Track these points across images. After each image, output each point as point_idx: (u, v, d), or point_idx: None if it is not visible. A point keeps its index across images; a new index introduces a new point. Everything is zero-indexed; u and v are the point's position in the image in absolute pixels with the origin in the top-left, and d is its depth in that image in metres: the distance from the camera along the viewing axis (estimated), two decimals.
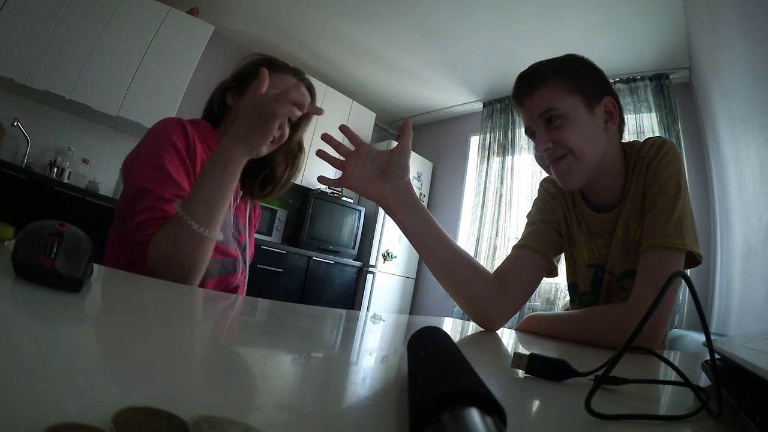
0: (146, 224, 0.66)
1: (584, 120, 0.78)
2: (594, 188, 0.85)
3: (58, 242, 0.35)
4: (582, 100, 0.78)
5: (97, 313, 0.34)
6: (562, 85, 0.77)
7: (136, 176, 0.72)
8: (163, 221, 0.65)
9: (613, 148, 0.81)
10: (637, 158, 0.81)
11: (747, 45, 1.49)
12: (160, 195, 0.69)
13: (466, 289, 0.77)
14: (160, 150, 0.75)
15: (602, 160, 0.80)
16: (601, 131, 0.79)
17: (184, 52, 3.11)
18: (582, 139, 0.77)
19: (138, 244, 0.65)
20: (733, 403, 0.28)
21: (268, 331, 0.42)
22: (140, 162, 0.75)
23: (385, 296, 4.05)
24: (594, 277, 0.88)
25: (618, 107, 0.81)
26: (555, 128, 0.78)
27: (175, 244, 0.63)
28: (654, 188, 0.75)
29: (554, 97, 0.77)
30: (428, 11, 2.92)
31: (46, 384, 0.16)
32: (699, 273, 2.50)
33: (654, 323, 0.65)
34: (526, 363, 0.36)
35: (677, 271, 0.29)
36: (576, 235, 0.89)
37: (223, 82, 0.92)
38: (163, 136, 0.77)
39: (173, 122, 0.81)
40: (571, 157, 0.78)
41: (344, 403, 0.24)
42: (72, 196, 2.63)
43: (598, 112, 0.79)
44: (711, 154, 2.54)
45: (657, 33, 2.67)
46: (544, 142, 0.79)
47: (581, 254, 0.89)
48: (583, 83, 0.78)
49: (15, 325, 0.24)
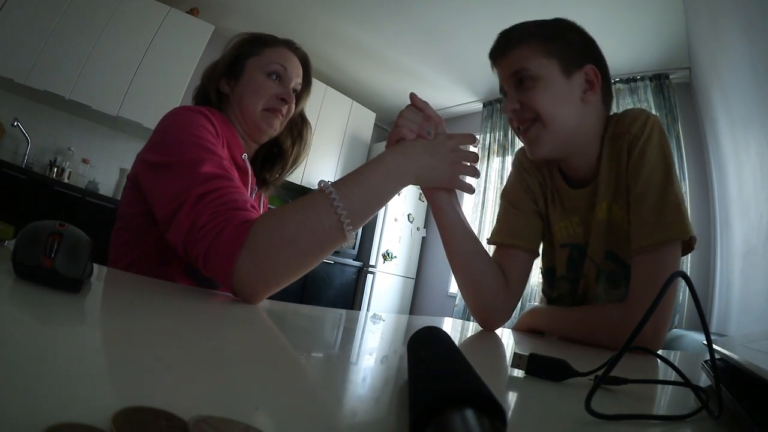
0: (224, 213, 0.52)
1: (558, 85, 0.73)
2: (570, 161, 0.80)
3: (58, 242, 0.35)
4: (559, 64, 0.73)
5: (96, 313, 0.34)
6: (538, 46, 0.73)
7: (180, 164, 0.60)
8: (238, 212, 0.53)
9: (592, 119, 0.76)
10: (615, 130, 0.76)
11: (747, 45, 1.49)
12: (230, 177, 0.58)
13: (479, 285, 0.76)
14: (197, 131, 0.65)
15: (576, 130, 0.75)
16: (577, 100, 0.74)
17: (184, 52, 3.11)
18: (552, 104, 0.72)
19: (212, 236, 0.51)
20: (733, 403, 0.28)
21: (268, 331, 0.42)
22: (179, 148, 0.62)
23: (385, 296, 4.05)
24: (569, 258, 0.84)
25: (602, 77, 0.75)
26: (525, 89, 0.73)
27: (303, 225, 0.51)
28: (640, 177, 0.70)
29: (528, 57, 0.73)
30: (428, 11, 2.92)
31: (46, 384, 0.16)
32: (699, 273, 2.50)
33: (655, 325, 0.64)
34: (526, 363, 0.36)
35: (677, 272, 0.29)
36: (551, 213, 0.85)
37: (213, 70, 0.85)
38: (191, 120, 0.68)
39: (190, 109, 0.72)
40: (539, 124, 0.74)
41: (344, 403, 0.24)
42: (72, 196, 2.63)
43: (576, 79, 0.74)
44: (711, 154, 2.54)
45: (657, 33, 2.67)
46: (512, 102, 0.75)
47: (556, 234, 0.85)
48: (563, 47, 0.74)
49: (15, 325, 0.24)
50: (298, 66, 0.87)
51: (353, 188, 0.55)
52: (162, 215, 0.57)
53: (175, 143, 0.63)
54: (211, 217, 0.52)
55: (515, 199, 0.86)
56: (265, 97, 0.81)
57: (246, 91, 0.81)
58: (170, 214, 0.55)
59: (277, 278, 0.51)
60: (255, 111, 0.81)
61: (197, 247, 0.51)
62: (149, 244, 0.69)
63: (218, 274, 0.50)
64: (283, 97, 0.82)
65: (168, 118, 0.70)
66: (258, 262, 0.49)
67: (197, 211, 0.53)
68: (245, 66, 0.83)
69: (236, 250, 0.49)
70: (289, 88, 0.85)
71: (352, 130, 4.34)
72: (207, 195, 0.54)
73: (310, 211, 0.52)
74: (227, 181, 0.57)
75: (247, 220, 0.51)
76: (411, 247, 4.27)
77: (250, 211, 0.54)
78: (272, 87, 0.82)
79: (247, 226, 0.50)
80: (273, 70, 0.82)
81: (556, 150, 0.76)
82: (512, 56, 0.75)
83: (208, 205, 0.53)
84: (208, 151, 0.62)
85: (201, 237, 0.51)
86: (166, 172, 0.60)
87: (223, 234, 0.50)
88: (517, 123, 0.77)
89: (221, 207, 0.53)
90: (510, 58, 0.75)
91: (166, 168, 0.61)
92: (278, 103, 0.82)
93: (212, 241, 0.50)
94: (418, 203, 4.30)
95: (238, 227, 0.50)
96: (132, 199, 0.72)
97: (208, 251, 0.50)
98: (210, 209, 0.53)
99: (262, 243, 0.49)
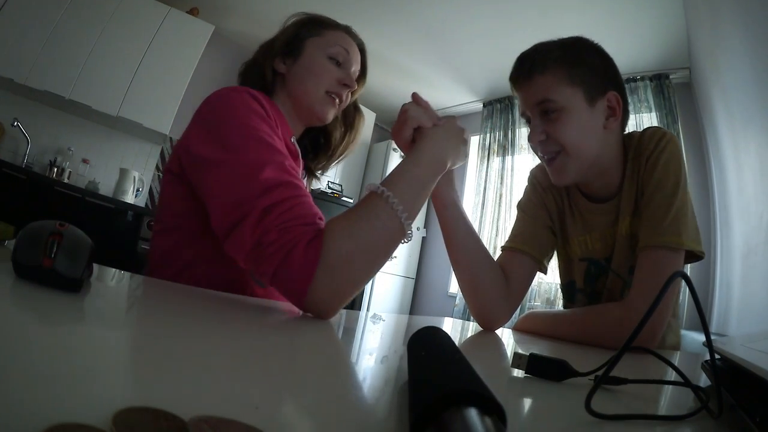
0: (292, 230, 0.50)
1: (583, 115, 0.73)
2: (591, 184, 0.82)
3: (58, 242, 0.35)
4: (583, 92, 0.72)
5: (96, 313, 0.34)
6: (562, 73, 0.72)
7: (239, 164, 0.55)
8: (307, 227, 0.51)
9: (612, 144, 0.77)
10: (636, 150, 0.77)
11: (747, 45, 1.49)
12: (294, 184, 0.55)
13: (480, 284, 0.76)
14: (253, 121, 0.60)
15: (599, 157, 0.76)
16: (600, 128, 0.74)
17: (184, 52, 3.11)
18: (577, 136, 0.73)
19: (281, 255, 0.48)
20: (733, 403, 0.28)
21: (268, 331, 0.42)
22: (236, 143, 0.57)
23: (385, 296, 4.05)
24: (587, 271, 0.85)
25: (622, 102, 0.76)
26: (550, 121, 0.73)
27: (372, 233, 0.51)
28: (651, 184, 0.72)
29: (553, 86, 0.72)
30: (428, 11, 2.92)
31: (46, 384, 0.16)
32: (699, 273, 2.50)
33: (652, 324, 0.65)
34: (526, 363, 0.36)
35: (677, 271, 0.29)
36: (569, 228, 0.86)
37: (271, 46, 0.79)
38: (244, 105, 0.62)
39: (239, 90, 0.66)
40: (564, 155, 0.74)
41: (344, 403, 0.24)
42: (72, 196, 2.62)
43: (599, 107, 0.74)
44: (711, 154, 2.54)
45: (657, 33, 2.67)
46: (538, 134, 0.74)
47: (574, 249, 0.86)
48: (586, 73, 0.73)
49: (15, 325, 0.24)
50: (357, 53, 0.83)
51: (404, 186, 0.55)
52: (220, 224, 0.54)
53: (230, 135, 0.58)
54: (279, 235, 0.49)
55: (530, 211, 0.88)
56: (327, 79, 0.77)
57: (306, 71, 0.76)
58: (230, 225, 0.52)
59: (353, 290, 0.51)
60: (316, 93, 0.76)
61: (264, 265, 0.50)
62: (206, 246, 0.62)
63: (291, 294, 0.49)
64: (345, 82, 0.77)
65: (215, 101, 0.63)
66: (335, 280, 0.48)
67: (263, 227, 0.50)
68: (305, 45, 0.78)
69: (312, 271, 0.47)
70: (350, 73, 0.80)
71: None
72: (273, 208, 0.51)
73: (374, 217, 0.52)
74: (292, 189, 0.54)
75: (316, 237, 0.50)
76: (411, 247, 4.27)
77: (318, 224, 0.52)
78: (334, 70, 0.77)
79: (319, 243, 0.49)
80: (335, 53, 0.78)
81: (579, 177, 0.78)
82: (537, 84, 0.73)
83: (275, 219, 0.50)
84: (269, 148, 0.58)
85: (269, 255, 0.49)
86: (223, 171, 0.55)
87: (293, 253, 0.48)
88: (542, 153, 0.77)
89: (290, 222, 0.50)
90: (535, 86, 0.74)
91: (223, 167, 0.56)
92: (340, 88, 0.78)
93: (282, 261, 0.48)
94: None
95: (309, 245, 0.49)
96: (177, 194, 0.66)
97: (279, 271, 0.49)
98: (277, 225, 0.50)
99: (337, 259, 0.48)
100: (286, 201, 0.52)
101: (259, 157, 0.56)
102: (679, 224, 0.68)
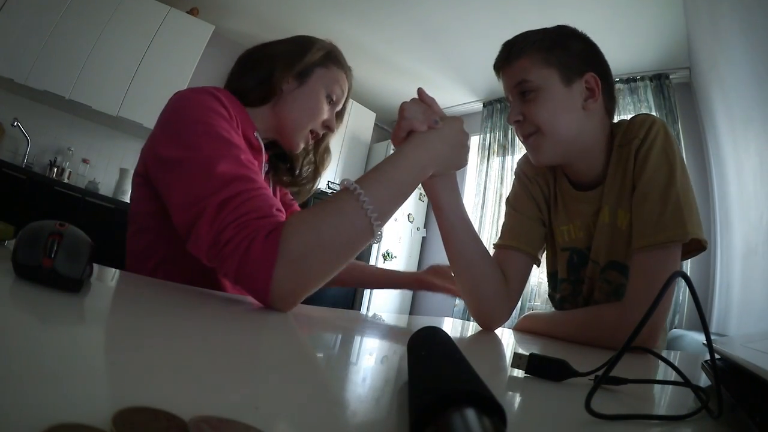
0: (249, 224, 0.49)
1: (558, 95, 0.74)
2: (574, 166, 0.81)
3: (58, 242, 0.35)
4: (559, 73, 0.73)
5: (96, 313, 0.34)
6: (539, 56, 0.74)
7: (195, 161, 0.55)
8: (264, 220, 0.50)
9: (594, 126, 0.77)
10: (624, 137, 0.77)
11: (747, 45, 1.49)
12: (250, 177, 0.54)
13: (480, 285, 0.76)
14: (209, 118, 0.60)
15: (578, 138, 0.76)
16: (578, 109, 0.75)
17: (184, 52, 3.11)
18: (552, 116, 0.74)
19: (241, 251, 0.48)
20: (733, 403, 0.28)
21: (267, 331, 0.42)
22: (191, 140, 0.57)
23: (385, 296, 4.05)
24: (569, 260, 0.85)
25: (602, 84, 0.76)
26: (527, 102, 0.75)
27: (336, 228, 0.49)
28: (643, 178, 0.71)
29: (528, 68, 0.74)
30: (428, 11, 2.92)
31: (46, 384, 0.16)
32: (699, 273, 2.50)
33: (652, 323, 0.64)
34: (526, 363, 0.36)
35: (677, 271, 0.29)
36: (553, 217, 0.86)
37: (291, 61, 0.78)
38: (202, 104, 0.63)
39: (198, 90, 0.66)
40: (540, 134, 0.75)
41: (344, 403, 0.24)
42: (72, 196, 2.62)
43: (576, 87, 0.74)
44: (711, 154, 2.54)
45: (657, 33, 2.67)
46: (515, 114, 0.77)
47: (557, 238, 0.86)
48: (563, 55, 0.74)
49: (15, 325, 0.24)
50: (346, 94, 0.87)
51: (378, 186, 0.53)
52: (179, 222, 0.54)
53: (187, 133, 0.58)
54: (237, 230, 0.48)
55: (519, 205, 0.88)
56: (318, 119, 0.81)
57: (305, 102, 0.79)
58: (188, 223, 0.52)
59: (314, 284, 0.50)
60: (303, 126, 0.80)
61: (225, 263, 0.49)
62: (176, 245, 0.61)
63: (255, 291, 0.48)
64: (327, 125, 0.83)
65: (175, 102, 0.64)
66: (296, 272, 0.47)
67: (219, 222, 0.49)
68: (312, 75, 0.80)
69: (271, 265, 0.46)
70: (334, 114, 0.85)
71: (352, 130, 4.33)
72: (228, 203, 0.50)
73: (341, 213, 0.50)
74: (248, 182, 0.53)
75: (274, 229, 0.48)
76: (411, 247, 4.27)
77: (276, 216, 0.51)
78: (326, 112, 0.81)
79: (277, 236, 0.47)
80: (334, 92, 0.82)
81: (557, 157, 0.78)
82: (514, 67, 0.76)
83: (230, 214, 0.49)
84: (225, 143, 0.58)
85: (228, 253, 0.48)
86: (179, 170, 0.55)
87: (252, 248, 0.47)
88: (521, 134, 0.79)
89: (245, 217, 0.49)
90: (512, 69, 0.77)
91: (179, 165, 0.56)
92: (321, 129, 0.82)
93: (242, 258, 0.47)
94: (418, 203, 4.30)
95: (267, 238, 0.47)
96: (144, 197, 0.67)
97: (240, 269, 0.48)
98: (233, 220, 0.49)
99: (296, 253, 0.47)
100: (241, 194, 0.51)
101: (214, 153, 0.55)
102: (682, 213, 0.66)
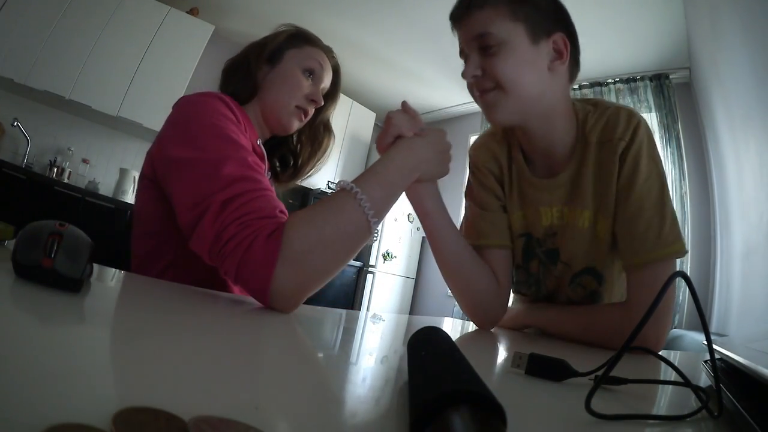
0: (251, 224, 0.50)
1: (523, 52, 0.67)
2: (529, 133, 0.75)
3: (58, 242, 0.35)
4: (526, 29, 0.67)
5: (96, 313, 0.34)
6: (504, 8, 0.67)
7: (201, 161, 0.56)
8: (266, 220, 0.50)
9: (557, 90, 0.72)
10: (602, 133, 0.72)
11: (747, 45, 1.49)
12: (255, 178, 0.55)
13: (473, 286, 0.75)
14: (217, 120, 0.62)
15: (540, 99, 0.70)
16: (543, 69, 0.69)
17: (184, 52, 3.11)
18: (515, 72, 0.67)
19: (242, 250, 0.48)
20: (733, 403, 0.28)
21: (267, 331, 0.42)
22: (199, 142, 0.58)
23: (385, 296, 4.05)
24: (525, 247, 0.82)
25: (571, 47, 0.71)
26: (488, 56, 0.68)
27: (336, 227, 0.50)
28: (635, 189, 0.68)
29: (493, 19, 0.67)
30: (428, 12, 2.92)
31: (46, 384, 0.16)
32: (699, 273, 2.50)
33: (656, 329, 0.64)
34: (526, 363, 0.36)
35: (677, 272, 0.29)
36: (507, 202, 0.83)
37: (260, 51, 0.82)
38: (209, 107, 0.64)
39: (205, 94, 0.68)
40: (499, 90, 0.69)
41: (344, 403, 0.24)
42: (72, 196, 2.62)
43: (543, 47, 0.69)
44: (711, 154, 2.54)
45: (657, 33, 2.67)
46: (473, 68, 0.69)
47: (513, 223, 0.82)
48: (531, 11, 0.68)
49: (15, 325, 0.24)
50: (330, 72, 0.87)
51: (374, 185, 0.55)
52: (183, 222, 0.54)
53: (196, 135, 0.59)
54: (239, 229, 0.49)
55: (478, 200, 0.84)
56: (299, 93, 0.80)
57: (281, 81, 0.80)
58: (192, 222, 0.52)
59: (315, 283, 0.50)
60: (287, 105, 0.80)
61: (226, 262, 0.49)
62: (184, 248, 0.60)
63: (255, 290, 0.48)
64: (313, 98, 0.82)
65: (184, 105, 0.66)
66: (297, 271, 0.47)
67: (222, 220, 0.50)
68: (284, 56, 0.82)
69: (272, 264, 0.46)
70: (319, 89, 0.84)
71: (352, 130, 4.34)
72: (231, 201, 0.51)
73: (340, 212, 0.51)
74: (252, 182, 0.54)
75: (276, 229, 0.49)
76: (411, 247, 4.27)
77: (278, 217, 0.52)
78: (306, 85, 0.81)
79: (279, 236, 0.48)
80: (310, 66, 0.82)
81: (515, 116, 0.72)
82: (476, 18, 0.69)
83: (233, 213, 0.50)
84: (233, 144, 0.58)
85: (229, 251, 0.48)
86: (186, 170, 0.56)
87: (253, 248, 0.47)
88: (477, 90, 0.72)
89: (248, 216, 0.50)
90: (474, 20, 0.69)
91: (185, 165, 0.56)
92: (308, 104, 0.82)
93: (243, 256, 0.47)
94: None
95: (269, 238, 0.48)
96: (150, 198, 0.67)
97: (241, 267, 0.48)
98: (236, 219, 0.49)
99: (299, 251, 0.48)
100: (245, 194, 0.52)
101: (221, 154, 0.56)
102: (676, 227, 0.67)
